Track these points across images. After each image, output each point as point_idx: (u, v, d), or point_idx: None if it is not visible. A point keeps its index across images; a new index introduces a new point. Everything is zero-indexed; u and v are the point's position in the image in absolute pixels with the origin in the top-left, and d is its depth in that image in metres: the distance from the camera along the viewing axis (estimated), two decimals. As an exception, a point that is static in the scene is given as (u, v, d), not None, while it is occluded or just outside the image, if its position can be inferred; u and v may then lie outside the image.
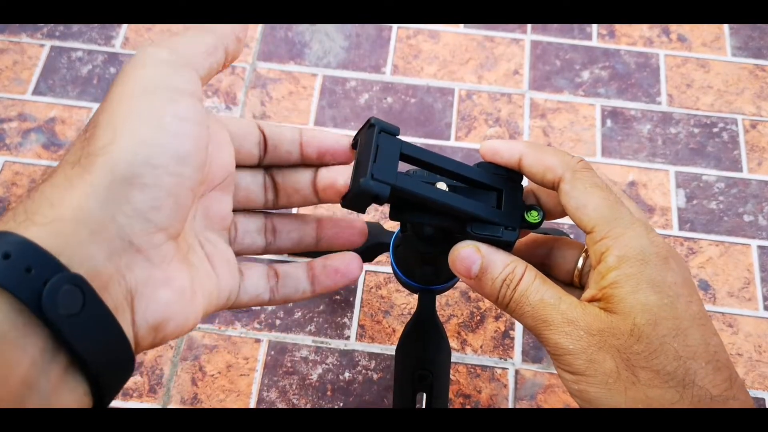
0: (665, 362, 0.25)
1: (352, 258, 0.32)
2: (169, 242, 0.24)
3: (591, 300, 0.28)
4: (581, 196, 0.28)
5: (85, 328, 0.20)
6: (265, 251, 0.33)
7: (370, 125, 0.30)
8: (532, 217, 0.30)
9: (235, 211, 0.31)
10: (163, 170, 0.23)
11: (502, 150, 0.31)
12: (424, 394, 0.42)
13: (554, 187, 0.30)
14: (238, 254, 0.31)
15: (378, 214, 0.57)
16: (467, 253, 0.29)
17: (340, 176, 0.31)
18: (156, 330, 0.24)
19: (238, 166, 0.31)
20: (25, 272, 0.19)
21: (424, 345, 0.42)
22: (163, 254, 0.24)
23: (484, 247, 0.29)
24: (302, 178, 0.32)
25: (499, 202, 0.31)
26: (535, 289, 0.28)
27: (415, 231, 0.34)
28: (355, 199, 0.28)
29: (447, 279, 0.38)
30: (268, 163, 0.32)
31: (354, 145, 0.31)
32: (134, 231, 0.22)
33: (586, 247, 0.32)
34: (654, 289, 0.26)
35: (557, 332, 0.26)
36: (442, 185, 0.31)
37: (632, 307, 0.26)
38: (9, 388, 0.19)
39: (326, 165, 0.32)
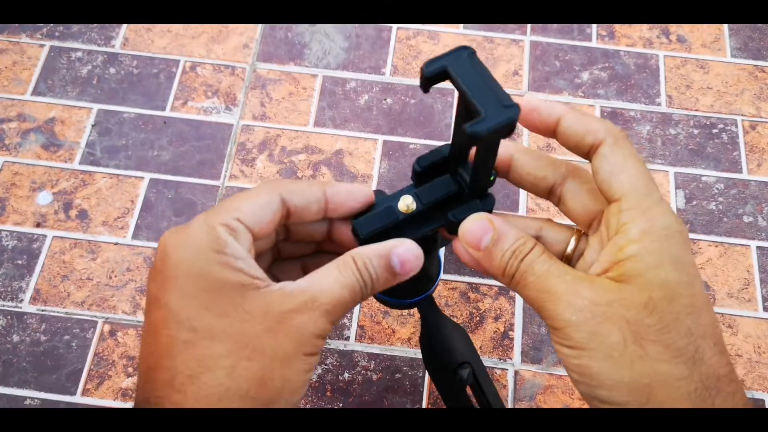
0: (677, 338, 0.25)
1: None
2: None
3: (602, 273, 0.27)
4: (619, 162, 0.28)
5: None
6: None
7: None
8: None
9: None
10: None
11: (542, 108, 0.31)
12: (470, 389, 0.42)
13: (588, 153, 0.29)
14: None
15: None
16: (481, 225, 0.29)
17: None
18: None
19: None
20: None
21: (448, 345, 0.41)
22: None
23: (497, 220, 0.29)
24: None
25: (456, 181, 0.31)
26: (542, 261, 0.28)
27: None
28: None
29: (434, 277, 0.38)
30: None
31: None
32: None
33: (577, 228, 0.32)
34: (675, 266, 0.26)
35: (559, 302, 0.26)
36: (407, 199, 0.31)
37: (650, 281, 0.26)
38: None
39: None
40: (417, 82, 0.63)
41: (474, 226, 0.29)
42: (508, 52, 0.65)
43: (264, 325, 0.26)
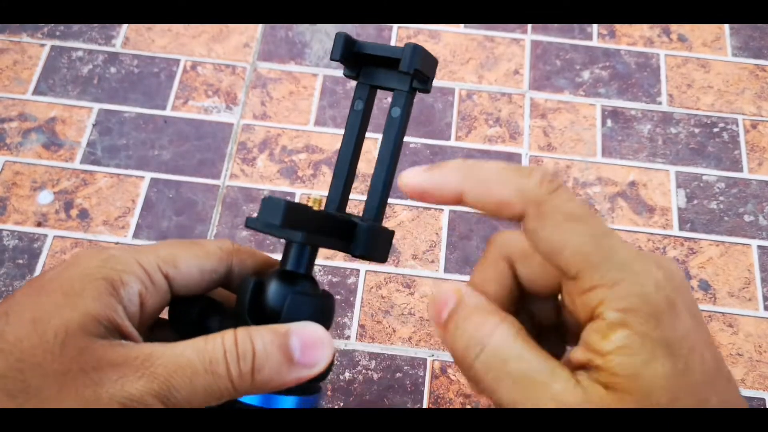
0: None
1: None
2: None
3: (584, 366, 0.22)
4: (554, 236, 0.22)
5: None
6: None
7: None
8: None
9: None
10: None
11: (432, 188, 0.24)
12: None
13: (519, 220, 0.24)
14: None
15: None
16: (443, 294, 0.24)
17: None
18: None
19: None
20: None
21: None
22: None
23: (466, 288, 0.24)
24: None
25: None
26: (517, 354, 0.22)
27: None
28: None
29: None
30: None
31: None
32: None
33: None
34: (668, 350, 0.21)
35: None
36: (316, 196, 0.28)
37: (650, 384, 0.21)
38: None
39: None
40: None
41: (437, 295, 0.24)
42: (509, 51, 0.65)
43: (64, 364, 0.21)
